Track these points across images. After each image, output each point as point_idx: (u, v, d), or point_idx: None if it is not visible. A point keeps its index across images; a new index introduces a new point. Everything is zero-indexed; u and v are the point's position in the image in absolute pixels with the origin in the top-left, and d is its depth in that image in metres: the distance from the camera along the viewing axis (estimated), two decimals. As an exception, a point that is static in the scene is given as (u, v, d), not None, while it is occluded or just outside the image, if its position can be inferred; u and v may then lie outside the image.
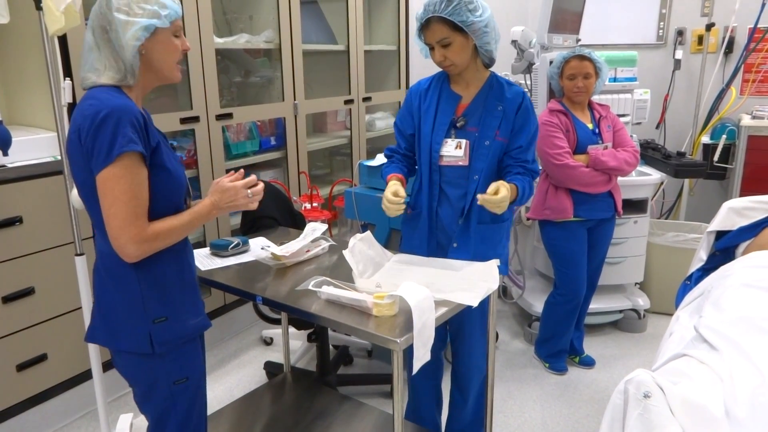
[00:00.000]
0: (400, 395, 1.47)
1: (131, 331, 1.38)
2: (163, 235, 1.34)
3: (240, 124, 3.11)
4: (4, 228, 2.08)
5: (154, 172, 1.34)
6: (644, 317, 3.18)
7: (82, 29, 2.21)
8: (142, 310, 1.37)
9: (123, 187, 1.27)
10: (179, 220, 1.38)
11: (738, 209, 2.03)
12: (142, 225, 1.30)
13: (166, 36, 1.38)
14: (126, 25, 1.32)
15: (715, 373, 1.24)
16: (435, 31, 1.78)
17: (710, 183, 4.15)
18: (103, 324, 1.42)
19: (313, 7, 3.66)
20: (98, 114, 1.25)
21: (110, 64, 1.34)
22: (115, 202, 1.27)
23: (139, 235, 1.29)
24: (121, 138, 1.25)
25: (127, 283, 1.37)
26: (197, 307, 1.50)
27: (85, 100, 1.32)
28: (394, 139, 2.08)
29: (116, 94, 1.33)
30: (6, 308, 2.13)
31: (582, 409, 2.52)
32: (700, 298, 1.66)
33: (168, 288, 1.41)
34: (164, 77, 1.43)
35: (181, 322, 1.43)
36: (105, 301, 1.41)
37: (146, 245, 1.31)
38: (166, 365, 1.42)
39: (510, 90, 1.89)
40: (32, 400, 2.26)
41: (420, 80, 2.01)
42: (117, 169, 1.26)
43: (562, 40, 3.22)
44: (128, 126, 1.27)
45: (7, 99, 2.41)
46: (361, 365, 2.91)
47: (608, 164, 2.51)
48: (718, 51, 4.07)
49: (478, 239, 1.93)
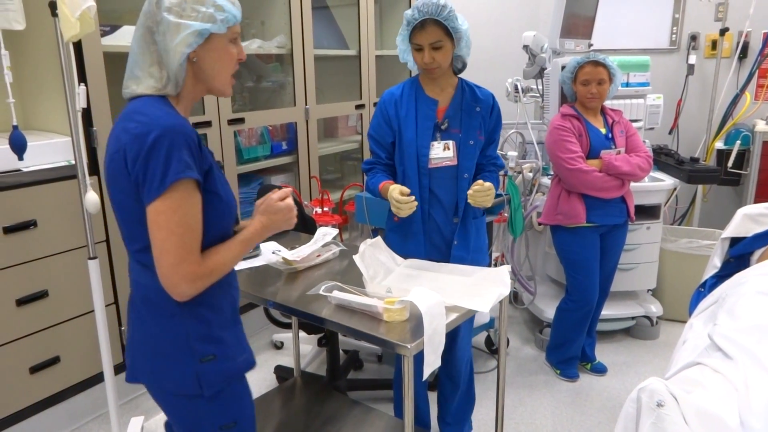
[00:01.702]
0: (410, 401, 1.46)
1: (177, 370, 1.24)
2: (217, 269, 1.21)
3: (252, 129, 3.13)
4: (19, 231, 2.11)
5: (206, 198, 1.20)
6: (657, 324, 3.15)
7: (97, 35, 2.25)
8: (188, 348, 1.23)
9: (178, 219, 1.13)
10: (232, 251, 1.24)
11: (753, 216, 2.00)
12: (197, 260, 1.16)
13: (222, 43, 1.23)
14: (176, 28, 1.17)
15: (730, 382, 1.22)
16: (430, 33, 1.85)
17: (724, 189, 4.11)
18: (145, 363, 1.27)
19: (325, 12, 3.68)
20: (148, 135, 1.11)
21: (151, 71, 1.21)
22: (170, 237, 1.13)
23: (195, 273, 1.16)
24: (176, 163, 1.11)
25: (170, 319, 1.23)
26: (243, 342, 1.35)
27: (131, 116, 1.17)
28: None
29: (164, 107, 1.19)
30: (20, 311, 2.15)
31: (593, 417, 2.50)
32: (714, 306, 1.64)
33: (215, 323, 1.27)
34: (215, 89, 1.28)
35: (230, 359, 1.29)
36: (146, 338, 1.27)
37: (200, 282, 1.18)
38: (213, 408, 1.28)
39: (481, 92, 2.04)
40: (45, 402, 2.28)
41: (389, 90, 2.05)
42: (171, 200, 1.12)
43: (574, 45, 3.21)
44: (183, 149, 1.13)
45: (23, 104, 2.44)
46: (371, 370, 2.91)
47: (621, 169, 2.49)
48: (733, 56, 4.03)
49: (474, 234, 2.06)
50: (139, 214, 1.16)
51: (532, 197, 3.14)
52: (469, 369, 2.23)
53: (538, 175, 3.12)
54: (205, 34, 1.19)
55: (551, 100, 3.12)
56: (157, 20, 1.19)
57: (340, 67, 3.76)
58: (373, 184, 2.01)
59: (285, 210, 1.35)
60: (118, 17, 2.58)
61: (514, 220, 2.91)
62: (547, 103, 3.18)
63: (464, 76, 2.08)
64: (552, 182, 2.70)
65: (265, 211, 1.34)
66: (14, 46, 2.21)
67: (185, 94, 1.26)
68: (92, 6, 1.77)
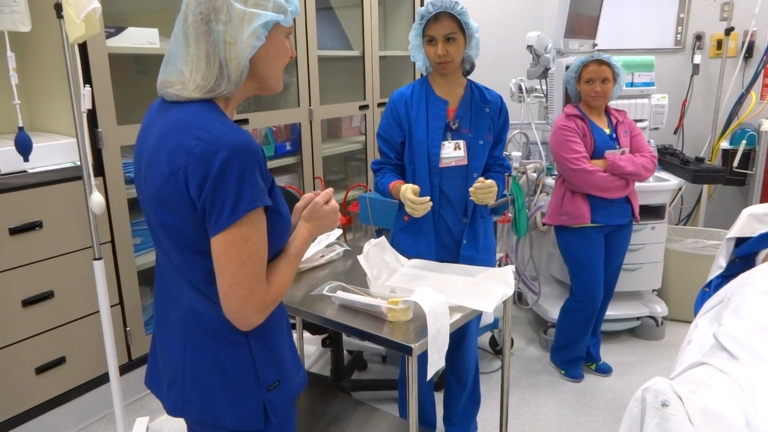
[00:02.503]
0: (414, 401, 1.46)
1: (240, 403, 1.12)
2: (282, 292, 1.11)
3: (256, 130, 3.13)
4: (24, 232, 2.12)
5: (269, 218, 1.08)
6: (662, 324, 3.14)
7: (102, 37, 2.26)
8: (255, 377, 1.12)
9: (249, 250, 1.01)
10: (290, 269, 1.14)
11: (758, 216, 1.99)
12: (266, 289, 1.06)
13: (281, 37, 1.10)
14: (245, 18, 1.03)
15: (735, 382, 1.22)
16: (445, 25, 1.87)
17: (730, 189, 4.09)
18: (198, 395, 1.13)
19: (329, 13, 3.69)
20: (215, 156, 0.97)
21: (202, 68, 1.04)
22: (242, 269, 1.01)
23: (264, 302, 1.06)
24: (249, 189, 0.99)
25: (234, 347, 1.11)
26: (297, 359, 1.25)
27: (187, 129, 1.01)
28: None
29: (222, 118, 1.05)
30: (25, 312, 2.16)
31: (598, 417, 2.49)
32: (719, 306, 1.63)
33: (277, 344, 1.17)
34: (267, 87, 1.15)
35: (290, 381, 1.19)
36: (201, 368, 1.12)
37: (269, 310, 1.09)
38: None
39: (489, 94, 2.06)
40: (50, 402, 2.29)
41: (398, 90, 2.06)
42: (243, 229, 1.00)
43: (578, 45, 3.21)
44: (256, 171, 1.01)
45: (29, 105, 2.46)
46: (375, 371, 2.90)
47: (626, 169, 2.48)
48: (738, 55, 4.01)
49: (482, 233, 2.08)
50: (199, 242, 1.04)
51: (536, 197, 3.14)
52: (475, 369, 2.23)
53: (542, 175, 3.11)
54: (270, 25, 1.06)
55: (555, 101, 3.12)
56: (217, 6, 1.03)
57: (344, 67, 3.76)
58: (383, 184, 2.01)
59: (331, 213, 1.26)
60: (123, 19, 2.59)
61: (518, 220, 2.91)
62: (551, 103, 3.17)
63: (471, 74, 2.09)
64: (556, 182, 2.70)
65: (311, 217, 1.24)
66: (20, 48, 2.22)
67: (235, 95, 1.12)
68: (97, 8, 1.78)
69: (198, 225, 1.03)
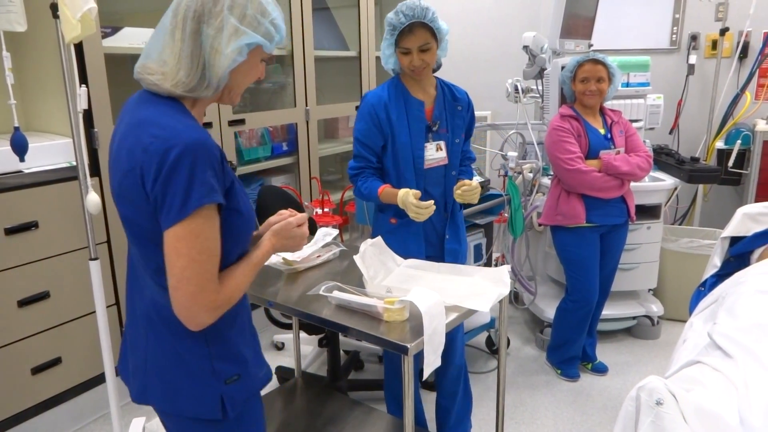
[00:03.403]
0: (410, 400, 1.47)
1: (198, 394, 1.15)
2: (234, 296, 1.12)
3: (252, 130, 3.13)
4: (20, 233, 2.11)
5: (226, 215, 1.10)
6: (658, 324, 3.15)
7: (98, 37, 2.25)
8: (211, 370, 1.14)
9: (199, 246, 1.03)
10: (246, 276, 1.15)
11: (753, 215, 2.01)
12: (216, 288, 1.07)
13: (257, 59, 1.16)
14: (236, 33, 1.07)
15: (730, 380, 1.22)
16: (419, 36, 1.89)
17: (725, 189, 4.11)
18: (159, 384, 1.17)
19: (325, 13, 3.69)
20: (168, 153, 1.00)
21: (186, 65, 1.06)
22: (190, 264, 1.02)
23: (215, 302, 1.07)
24: (199, 186, 1.01)
25: (192, 339, 1.13)
26: (260, 356, 1.28)
27: (145, 128, 1.04)
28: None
29: (183, 117, 1.07)
30: (21, 312, 2.15)
31: (594, 417, 2.50)
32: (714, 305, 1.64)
33: (235, 340, 1.19)
34: (230, 99, 1.19)
35: (251, 377, 1.21)
36: (165, 359, 1.16)
37: (219, 311, 1.09)
38: (234, 430, 1.20)
39: (458, 91, 2.10)
40: (46, 403, 2.29)
41: (373, 92, 2.05)
42: (194, 225, 1.02)
43: (574, 45, 3.21)
44: (208, 169, 1.02)
45: (24, 105, 2.45)
46: (372, 370, 2.91)
47: (621, 169, 2.49)
48: (733, 56, 4.03)
49: (461, 226, 2.18)
50: (154, 236, 1.06)
51: (532, 197, 3.15)
52: (464, 370, 2.25)
53: (538, 175, 3.12)
54: (252, 46, 1.10)
55: (551, 101, 3.12)
56: (214, 12, 1.06)
57: (340, 68, 3.77)
58: (368, 189, 2.00)
59: (298, 237, 1.28)
60: (119, 19, 2.59)
61: (514, 220, 2.92)
62: (547, 103, 3.18)
63: (467, 75, 2.10)
64: (552, 183, 2.70)
65: (278, 234, 1.26)
66: (16, 48, 2.21)
67: (205, 100, 1.16)
68: (93, 8, 1.77)
69: (154, 218, 1.05)
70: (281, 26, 1.15)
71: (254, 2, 1.10)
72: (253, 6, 1.09)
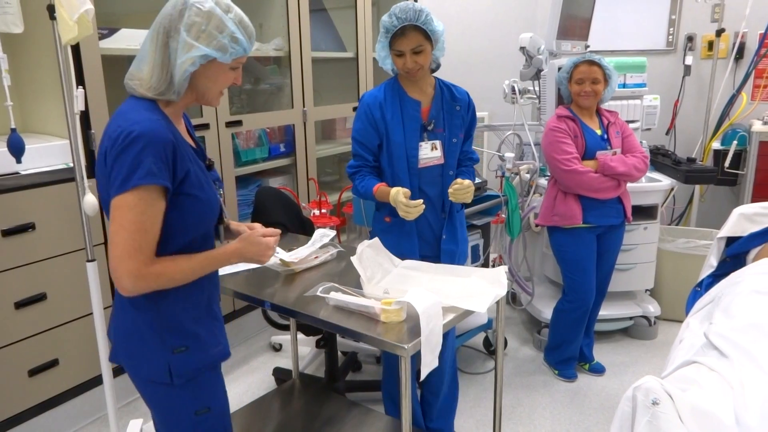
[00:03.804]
0: (408, 401, 1.47)
1: (151, 358, 1.31)
2: (165, 276, 1.24)
3: (249, 131, 3.13)
4: (17, 234, 2.11)
5: (182, 200, 1.26)
6: (655, 324, 3.16)
7: (95, 38, 2.25)
8: (160, 338, 1.30)
9: (132, 217, 1.18)
10: (190, 263, 1.28)
11: (749, 215, 2.01)
12: (144, 260, 1.20)
13: (223, 68, 1.30)
14: (186, 47, 1.23)
15: (726, 380, 1.23)
16: (411, 39, 1.89)
17: (721, 189, 4.12)
18: (123, 348, 1.35)
19: (323, 15, 3.69)
20: (121, 136, 1.17)
21: (157, 72, 1.25)
22: (120, 231, 1.18)
23: (138, 271, 1.19)
24: (141, 169, 1.16)
25: (146, 310, 1.30)
26: (217, 336, 1.42)
27: (115, 119, 1.23)
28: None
29: (148, 112, 1.24)
30: (18, 314, 2.15)
31: (592, 417, 2.51)
32: (710, 305, 1.65)
33: (187, 317, 1.34)
34: (205, 101, 1.36)
35: (203, 351, 1.36)
36: (125, 324, 1.34)
37: (143, 282, 1.21)
38: (187, 395, 1.35)
39: (458, 91, 2.10)
40: (43, 405, 2.28)
41: (370, 92, 2.08)
42: (130, 198, 1.17)
43: (570, 46, 3.22)
44: (152, 155, 1.17)
45: (21, 107, 2.45)
46: (369, 371, 2.91)
47: (617, 169, 2.50)
48: (729, 57, 4.04)
49: (459, 227, 2.17)
50: None
51: (529, 198, 3.15)
52: (453, 370, 2.25)
53: (536, 176, 3.13)
54: (207, 58, 1.25)
55: (548, 102, 3.13)
56: (177, 28, 1.23)
57: (337, 69, 3.77)
58: (365, 188, 2.02)
59: (263, 246, 1.40)
60: (116, 20, 2.59)
61: (511, 221, 2.92)
62: (543, 104, 3.19)
63: (464, 76, 2.11)
64: (549, 183, 2.71)
65: (245, 239, 1.39)
66: (12, 49, 2.21)
67: (179, 102, 1.31)
68: (90, 9, 1.77)
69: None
70: (241, 39, 1.27)
71: (214, 19, 1.24)
72: (212, 23, 1.24)
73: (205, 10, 1.23)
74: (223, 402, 1.45)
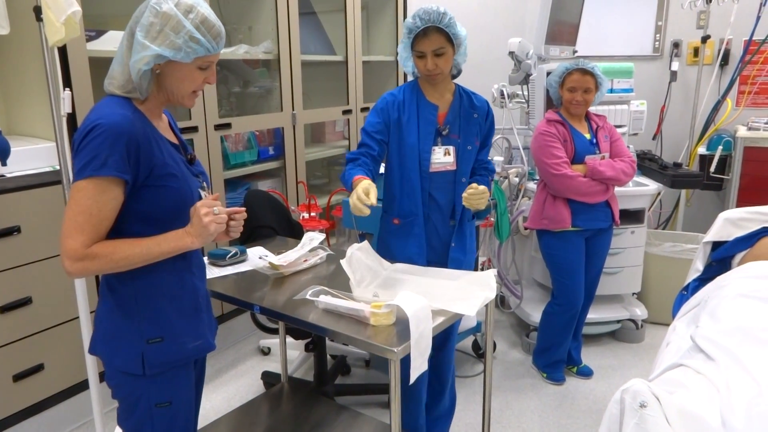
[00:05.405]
0: (397, 405, 1.47)
1: (125, 348, 1.33)
2: (104, 258, 1.24)
3: (238, 134, 3.12)
4: (2, 238, 2.08)
5: (152, 191, 1.29)
6: (642, 327, 3.18)
7: (82, 40, 2.24)
8: (136, 328, 1.33)
9: (80, 200, 1.22)
10: (134, 246, 1.27)
11: (734, 220, 2.04)
12: (83, 241, 1.22)
13: (188, 69, 1.31)
14: (139, 47, 1.26)
15: (712, 383, 1.24)
16: (433, 41, 1.88)
17: (707, 194, 4.16)
18: (101, 337, 1.38)
19: (312, 18, 3.69)
20: (87, 128, 1.22)
21: (124, 71, 1.29)
22: (67, 212, 1.23)
23: (76, 252, 1.21)
24: (96, 160, 1.20)
25: (124, 299, 1.33)
26: (198, 329, 1.43)
27: (89, 114, 1.28)
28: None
29: (119, 107, 1.27)
30: (3, 318, 2.12)
31: (580, 420, 2.52)
32: (696, 309, 1.66)
33: (168, 310, 1.36)
34: (175, 102, 1.37)
35: (179, 344, 1.37)
36: (103, 315, 1.37)
37: (80, 264, 1.22)
38: (151, 387, 1.37)
39: (477, 99, 2.09)
40: (28, 410, 2.25)
41: (391, 92, 2.06)
42: (83, 184, 1.22)
43: (558, 51, 3.25)
44: (109, 147, 1.21)
45: (7, 109, 2.42)
46: (358, 375, 2.90)
47: (605, 174, 2.52)
48: (714, 63, 4.10)
49: (468, 236, 2.14)
50: None
51: (518, 202, 3.17)
52: (452, 371, 2.25)
53: (524, 179, 3.14)
54: (162, 59, 1.27)
55: (536, 106, 3.15)
56: (134, 29, 1.27)
57: (327, 72, 3.77)
58: (350, 174, 1.87)
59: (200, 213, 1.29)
60: (103, 22, 2.57)
61: (500, 224, 2.93)
62: (532, 108, 3.21)
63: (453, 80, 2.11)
64: (538, 187, 2.72)
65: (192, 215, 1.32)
66: (-2, 51, 2.19)
67: (150, 98, 1.34)
68: (77, 11, 1.76)
69: None
70: (201, 39, 1.27)
71: (171, 20, 1.25)
72: (169, 24, 1.25)
73: (162, 11, 1.25)
74: (187, 399, 1.45)
